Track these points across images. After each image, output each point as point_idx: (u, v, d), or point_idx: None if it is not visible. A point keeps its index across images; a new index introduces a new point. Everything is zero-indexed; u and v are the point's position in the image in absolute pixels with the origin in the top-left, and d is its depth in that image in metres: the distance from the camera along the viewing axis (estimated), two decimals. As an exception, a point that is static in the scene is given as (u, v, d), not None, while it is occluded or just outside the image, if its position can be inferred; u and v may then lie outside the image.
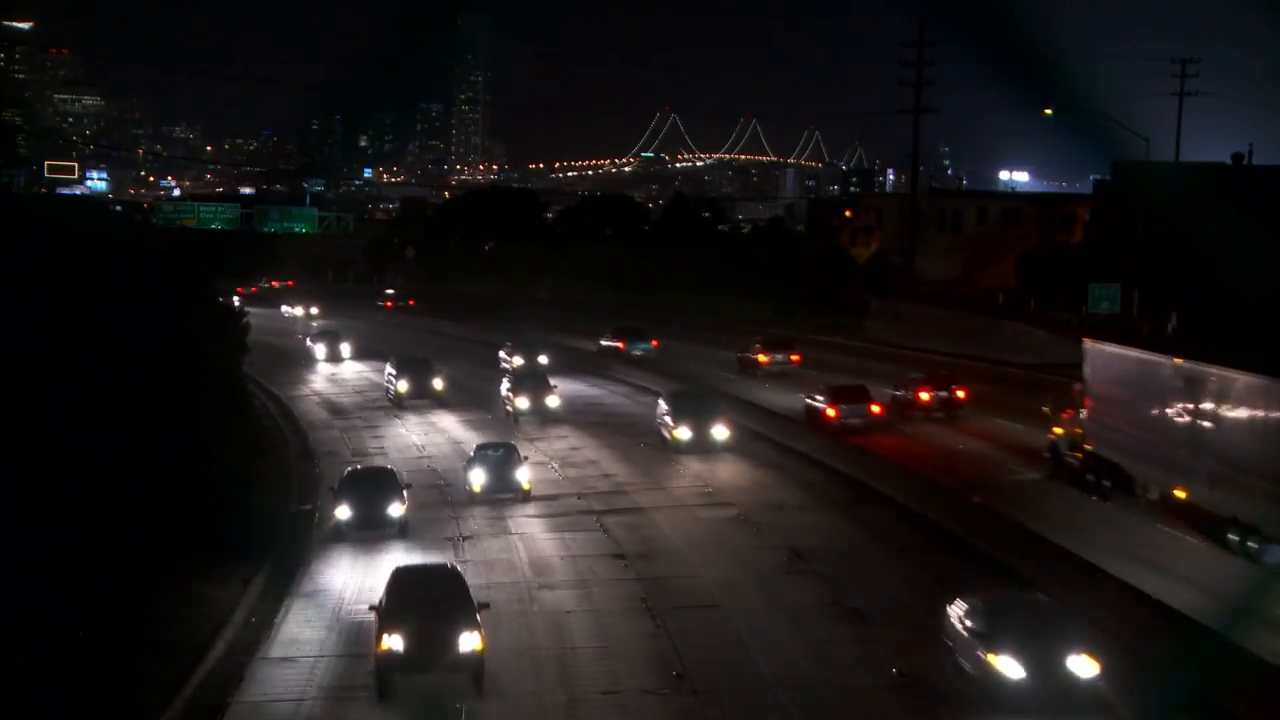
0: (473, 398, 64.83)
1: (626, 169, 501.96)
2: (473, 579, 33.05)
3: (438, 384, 63.48)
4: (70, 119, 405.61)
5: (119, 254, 42.94)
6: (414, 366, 64.50)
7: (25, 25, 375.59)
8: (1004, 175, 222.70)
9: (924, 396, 55.61)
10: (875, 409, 52.66)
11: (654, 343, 79.64)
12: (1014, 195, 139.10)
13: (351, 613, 30.69)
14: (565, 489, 44.19)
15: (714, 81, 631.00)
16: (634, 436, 53.55)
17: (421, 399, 62.89)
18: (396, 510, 37.04)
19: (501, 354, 74.65)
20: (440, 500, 43.08)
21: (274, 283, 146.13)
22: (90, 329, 33.92)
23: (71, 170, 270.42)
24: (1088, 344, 43.62)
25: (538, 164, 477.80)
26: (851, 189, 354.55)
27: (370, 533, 36.89)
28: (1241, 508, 32.70)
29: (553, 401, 57.22)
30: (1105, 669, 23.19)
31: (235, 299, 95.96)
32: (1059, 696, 22.79)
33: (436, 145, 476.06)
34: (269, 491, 43.44)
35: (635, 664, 26.86)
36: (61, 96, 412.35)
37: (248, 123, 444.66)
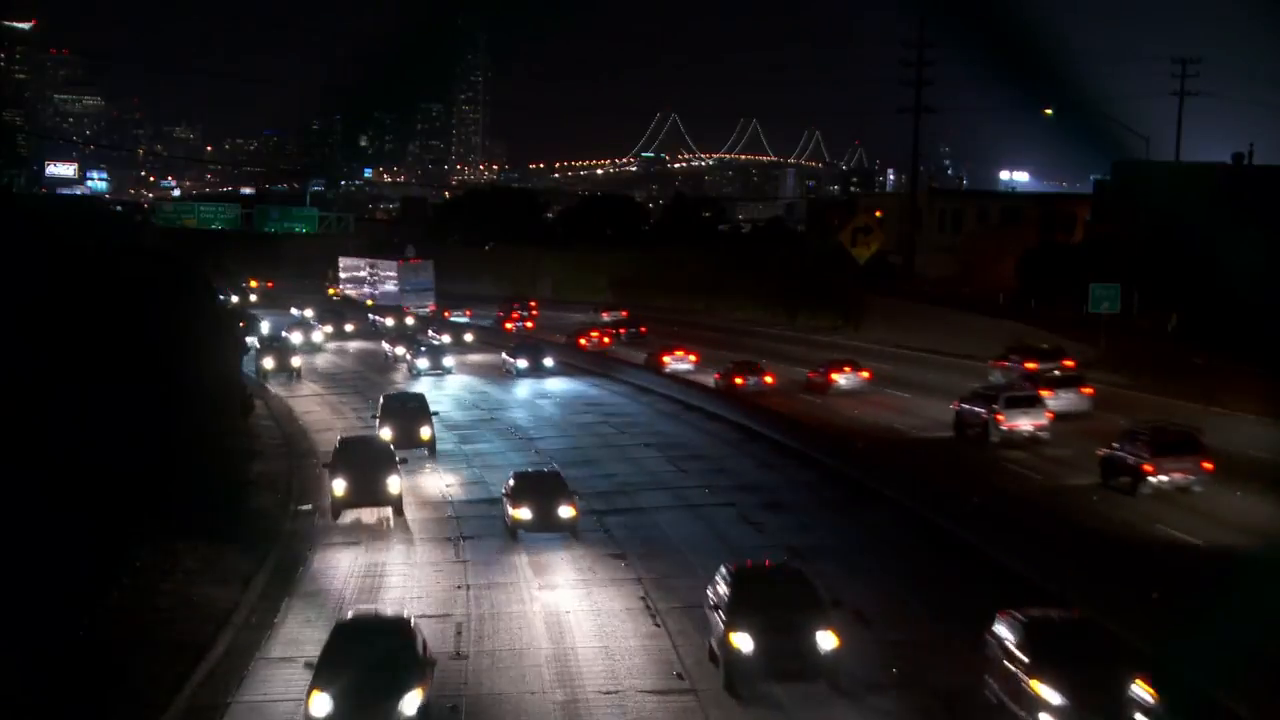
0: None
1: (627, 169, 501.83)
2: (472, 578, 33.12)
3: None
4: (70, 119, 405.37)
5: (120, 255, 42.94)
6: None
7: (25, 25, 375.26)
8: (1004, 175, 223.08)
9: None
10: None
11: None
12: (1014, 195, 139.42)
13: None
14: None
15: (714, 81, 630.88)
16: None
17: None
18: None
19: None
20: (440, 500, 43.16)
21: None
22: (90, 329, 33.94)
23: (72, 170, 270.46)
24: (341, 260, 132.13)
25: (538, 164, 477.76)
26: (851, 189, 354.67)
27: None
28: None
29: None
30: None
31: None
32: None
33: (436, 145, 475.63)
34: (269, 491, 43.48)
35: (635, 664, 26.89)
36: (61, 96, 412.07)
37: (248, 123, 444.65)
